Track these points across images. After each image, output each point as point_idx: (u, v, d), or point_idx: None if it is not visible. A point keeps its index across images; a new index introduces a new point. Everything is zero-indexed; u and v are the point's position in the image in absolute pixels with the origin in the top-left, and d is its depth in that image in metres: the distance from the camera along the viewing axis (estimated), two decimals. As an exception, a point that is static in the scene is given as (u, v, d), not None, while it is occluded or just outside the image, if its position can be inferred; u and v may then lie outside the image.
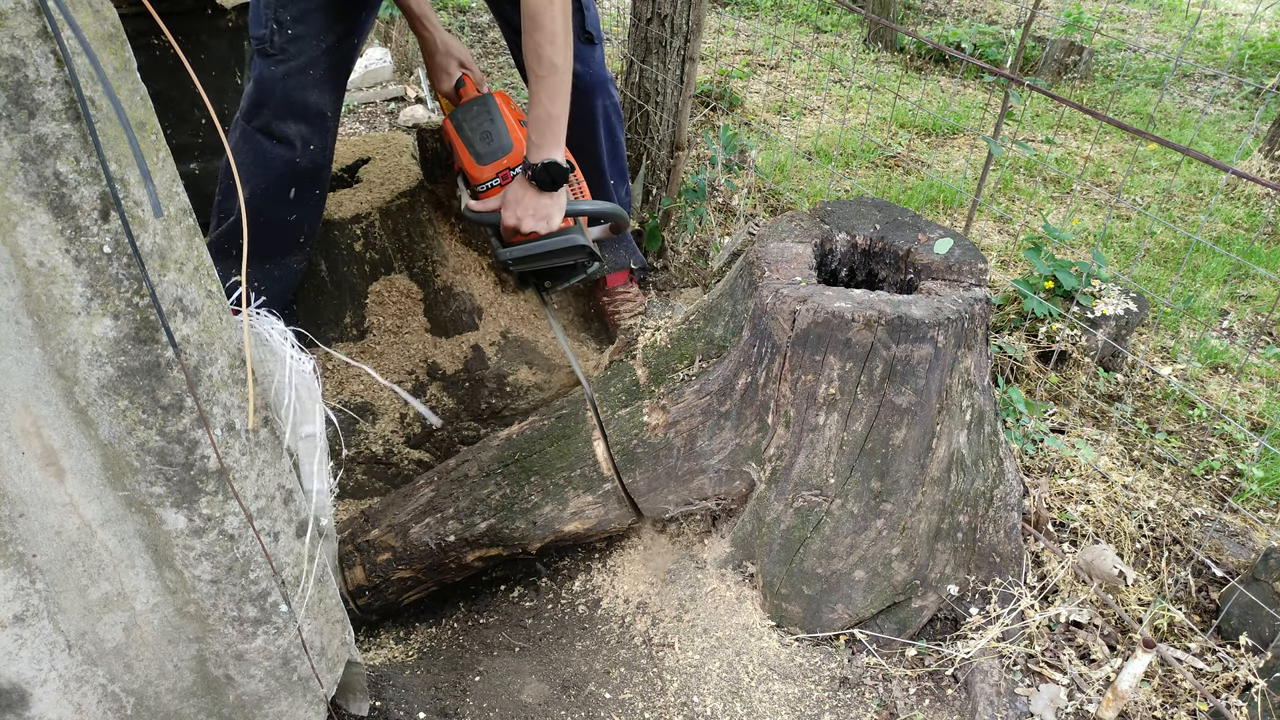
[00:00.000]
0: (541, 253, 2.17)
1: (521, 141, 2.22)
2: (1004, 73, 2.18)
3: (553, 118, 2.00)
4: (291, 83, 2.12)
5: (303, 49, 2.10)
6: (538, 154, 2.02)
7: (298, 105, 2.15)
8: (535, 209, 2.08)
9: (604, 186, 2.66)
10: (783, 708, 1.74)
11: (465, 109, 2.32)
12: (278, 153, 2.18)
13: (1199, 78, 5.59)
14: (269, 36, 2.08)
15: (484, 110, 2.29)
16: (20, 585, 1.10)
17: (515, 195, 2.09)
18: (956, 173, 4.09)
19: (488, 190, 2.24)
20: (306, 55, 2.11)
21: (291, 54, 2.10)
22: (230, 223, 2.31)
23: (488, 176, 2.23)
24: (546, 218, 2.10)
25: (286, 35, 2.08)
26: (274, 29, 2.07)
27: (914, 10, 6.52)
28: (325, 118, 2.24)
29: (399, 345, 2.64)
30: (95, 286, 0.97)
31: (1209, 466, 2.42)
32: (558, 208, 2.11)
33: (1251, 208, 3.98)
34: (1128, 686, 1.62)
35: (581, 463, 1.93)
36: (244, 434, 1.16)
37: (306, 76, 2.13)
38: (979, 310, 1.67)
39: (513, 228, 2.11)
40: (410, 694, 1.77)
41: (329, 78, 2.19)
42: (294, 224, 2.31)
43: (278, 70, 2.10)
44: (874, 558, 1.79)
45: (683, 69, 2.95)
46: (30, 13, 0.85)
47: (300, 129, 2.19)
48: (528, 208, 2.08)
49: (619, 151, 2.68)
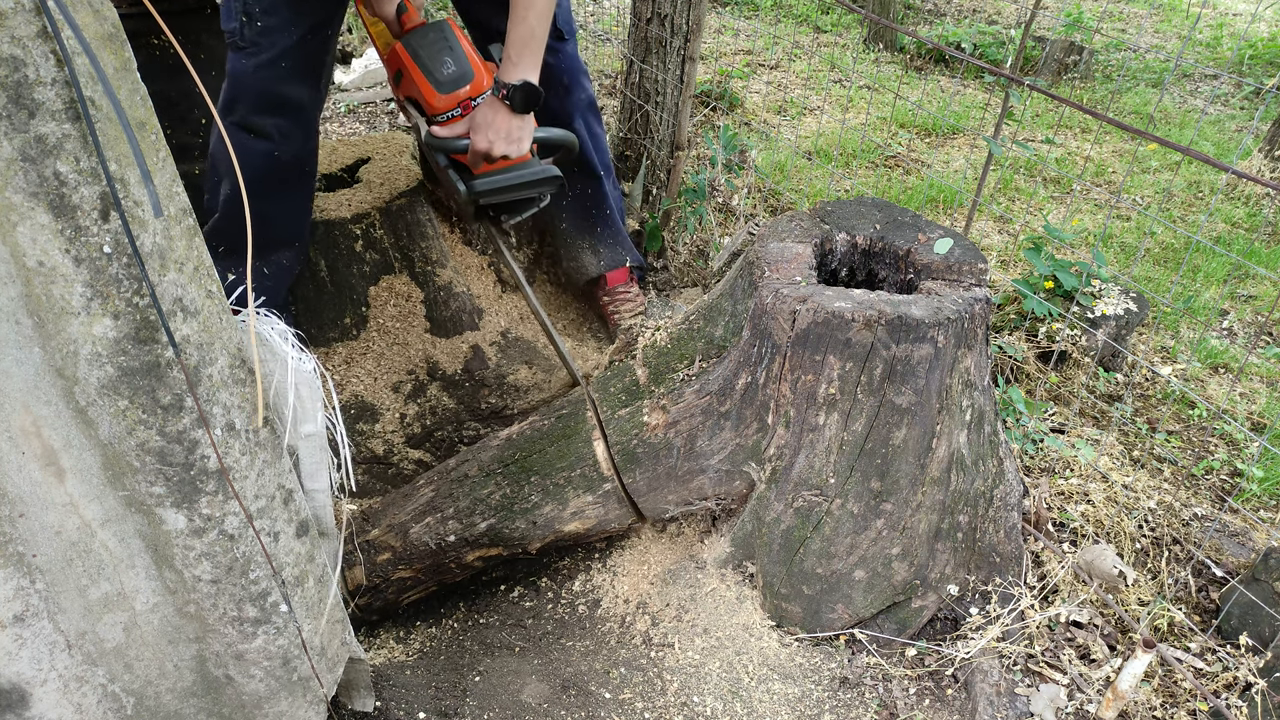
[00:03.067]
0: (517, 184, 2.10)
1: (482, 72, 2.14)
2: (1004, 73, 2.18)
3: (535, 37, 1.94)
4: (264, 75, 2.10)
5: (274, 41, 2.08)
6: (514, 73, 1.96)
7: (273, 97, 2.14)
8: (508, 132, 2.01)
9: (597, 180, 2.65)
10: (783, 708, 1.74)
11: (420, 34, 2.19)
12: (256, 147, 2.17)
13: (1199, 78, 5.58)
14: (239, 30, 2.07)
15: (441, 37, 2.18)
16: (20, 585, 1.10)
17: (486, 118, 2.01)
18: (956, 173, 4.09)
19: (446, 121, 2.14)
20: (278, 47, 2.09)
21: (263, 46, 2.08)
22: (214, 220, 2.31)
23: (448, 106, 2.12)
24: (518, 141, 2.03)
25: (256, 28, 2.07)
26: (244, 21, 2.06)
27: (914, 10, 6.52)
28: (303, 109, 2.21)
29: (399, 345, 2.64)
30: (95, 286, 0.97)
31: (1209, 466, 2.42)
32: (528, 132, 2.05)
33: (1251, 208, 3.98)
34: (1128, 686, 1.62)
35: (581, 463, 1.92)
36: (244, 434, 1.16)
37: (279, 68, 2.11)
38: (979, 310, 1.67)
39: (483, 152, 2.03)
40: (410, 694, 1.77)
41: (303, 69, 2.16)
42: (280, 219, 2.30)
43: (249, 63, 2.09)
44: (874, 558, 1.79)
45: (683, 69, 2.95)
46: (30, 13, 0.85)
47: (277, 121, 2.17)
48: (500, 130, 2.00)
49: (600, 144, 2.67)
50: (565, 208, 2.72)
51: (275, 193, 2.25)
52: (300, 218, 2.37)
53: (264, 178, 2.21)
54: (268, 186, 2.23)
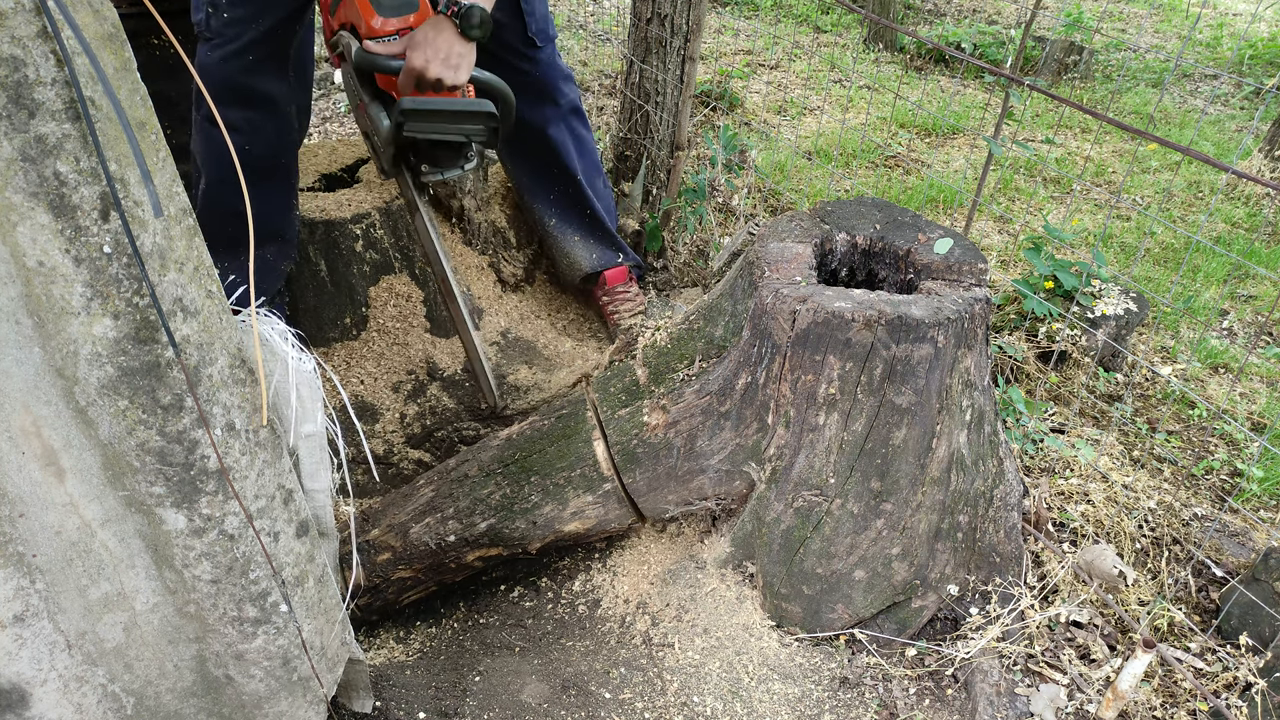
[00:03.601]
0: (447, 110, 1.95)
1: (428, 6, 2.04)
2: (1004, 73, 2.18)
3: None
4: (230, 67, 2.07)
5: (240, 32, 2.05)
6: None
7: (240, 90, 2.10)
8: (448, 54, 1.88)
9: (577, 182, 2.65)
10: (783, 707, 1.74)
11: None
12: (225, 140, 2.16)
13: (1199, 78, 5.58)
14: (205, 20, 2.04)
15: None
16: (20, 585, 1.10)
17: (428, 36, 1.88)
18: (956, 173, 4.09)
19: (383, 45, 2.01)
20: (244, 39, 2.06)
21: (228, 37, 2.05)
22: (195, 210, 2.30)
23: (386, 31, 2.00)
24: (456, 68, 1.90)
25: (222, 19, 2.04)
26: (210, 13, 2.03)
27: (914, 10, 6.52)
28: (273, 102, 2.17)
29: (399, 345, 2.64)
30: (95, 286, 0.97)
31: (1209, 466, 2.42)
32: (469, 61, 1.92)
33: (1251, 208, 3.98)
34: (1128, 686, 1.62)
35: (581, 463, 1.92)
36: (244, 434, 1.16)
37: (245, 60, 2.08)
38: (979, 310, 1.67)
39: (418, 71, 1.90)
40: (410, 694, 1.77)
41: (272, 62, 2.13)
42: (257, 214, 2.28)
43: (214, 55, 2.06)
44: (874, 558, 1.79)
45: (683, 69, 2.95)
46: (30, 13, 0.85)
47: (247, 114, 2.14)
48: (440, 50, 1.87)
49: (585, 147, 2.66)
50: (550, 208, 2.73)
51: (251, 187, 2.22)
52: (282, 212, 2.34)
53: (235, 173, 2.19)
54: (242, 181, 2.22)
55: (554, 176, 2.65)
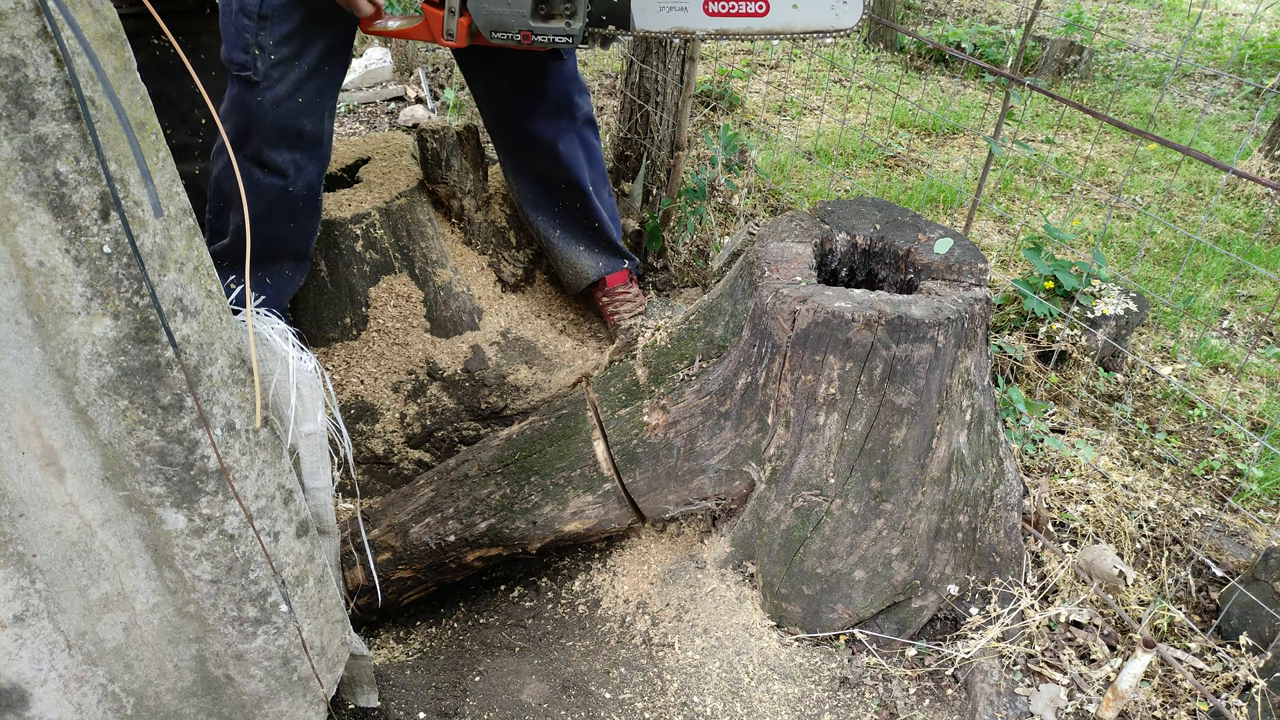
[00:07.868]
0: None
1: None
2: (1004, 73, 2.18)
3: None
4: (281, 111, 2.06)
5: (286, 73, 2.04)
6: None
7: (289, 132, 2.10)
8: None
9: (585, 194, 2.65)
10: (783, 707, 1.74)
11: None
12: (270, 182, 2.14)
13: (1199, 78, 5.58)
14: (251, 63, 2.01)
15: None
16: (20, 585, 1.10)
17: None
18: (956, 173, 4.09)
19: None
20: (292, 79, 2.05)
21: (274, 79, 2.03)
22: (223, 243, 2.29)
23: None
24: None
25: (270, 60, 2.02)
26: (256, 55, 2.01)
27: (914, 10, 6.52)
28: (320, 143, 2.20)
29: (399, 345, 2.64)
30: (95, 286, 0.97)
31: (1209, 466, 2.42)
32: None
33: (1251, 208, 3.98)
34: (1128, 686, 1.62)
35: (581, 463, 1.93)
36: (244, 434, 1.16)
37: (295, 102, 2.08)
38: (979, 310, 1.67)
39: None
40: (410, 693, 1.77)
41: (319, 98, 2.13)
42: (289, 240, 2.29)
43: (265, 99, 2.04)
44: (874, 558, 1.79)
45: (683, 69, 2.95)
46: (30, 13, 0.85)
47: (294, 156, 2.14)
48: None
49: (595, 156, 2.67)
50: (554, 221, 2.73)
51: (289, 220, 2.24)
52: (309, 236, 2.36)
53: (275, 210, 2.20)
54: (279, 218, 2.22)
55: (561, 191, 2.66)
